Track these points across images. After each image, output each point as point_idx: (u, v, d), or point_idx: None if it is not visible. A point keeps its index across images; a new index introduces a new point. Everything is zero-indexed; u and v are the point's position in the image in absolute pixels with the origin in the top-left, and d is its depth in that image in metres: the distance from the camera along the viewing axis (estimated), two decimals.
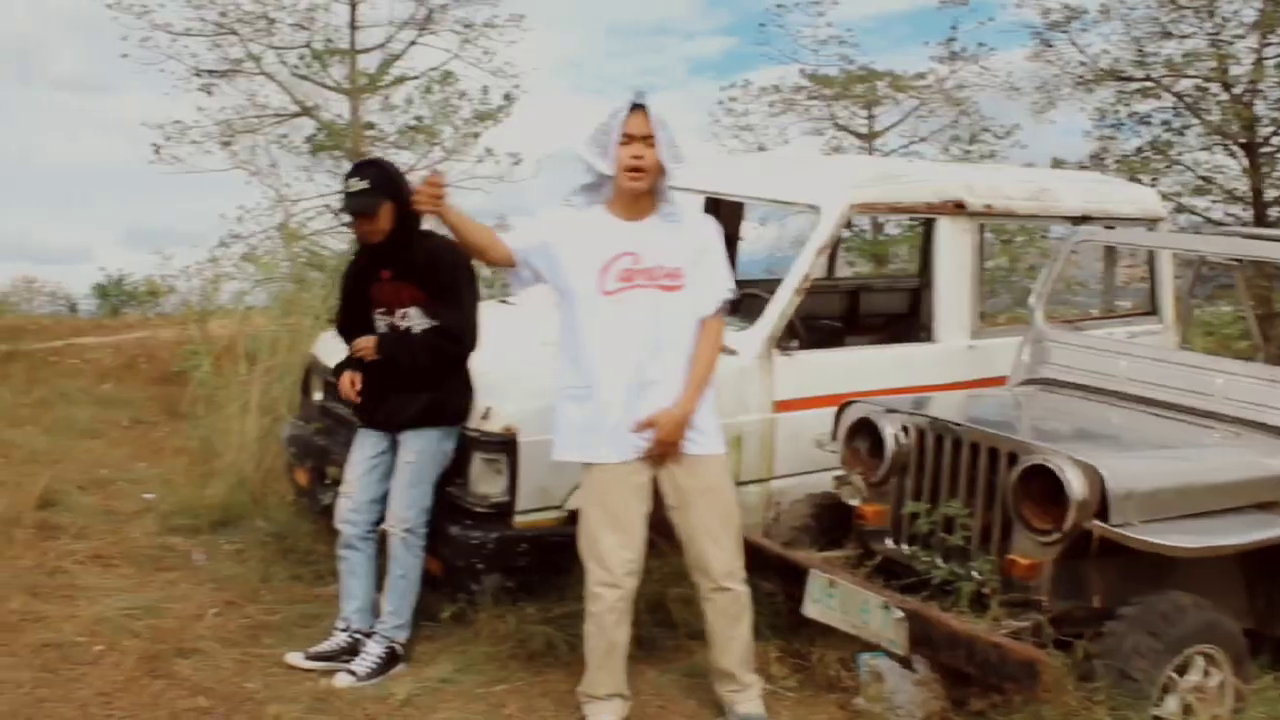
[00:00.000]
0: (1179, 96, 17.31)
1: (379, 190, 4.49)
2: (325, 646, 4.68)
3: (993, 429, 4.45)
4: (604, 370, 4.00)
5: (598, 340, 4.00)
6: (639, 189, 3.96)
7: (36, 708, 4.14)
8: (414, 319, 4.61)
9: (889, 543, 4.66)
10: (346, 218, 4.73)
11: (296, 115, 15.19)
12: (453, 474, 4.72)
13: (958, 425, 4.48)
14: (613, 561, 4.03)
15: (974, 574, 4.27)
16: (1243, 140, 17.05)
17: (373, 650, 4.58)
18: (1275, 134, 16.90)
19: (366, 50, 15.38)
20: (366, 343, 4.64)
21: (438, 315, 4.58)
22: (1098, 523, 4.01)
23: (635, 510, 4.06)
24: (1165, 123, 17.70)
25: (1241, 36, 16.57)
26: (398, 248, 4.58)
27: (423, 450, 4.62)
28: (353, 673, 4.51)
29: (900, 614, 4.14)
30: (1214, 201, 16.09)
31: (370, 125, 15.11)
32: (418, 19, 15.38)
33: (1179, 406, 4.95)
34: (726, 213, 6.83)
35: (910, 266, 15.19)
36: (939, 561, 4.44)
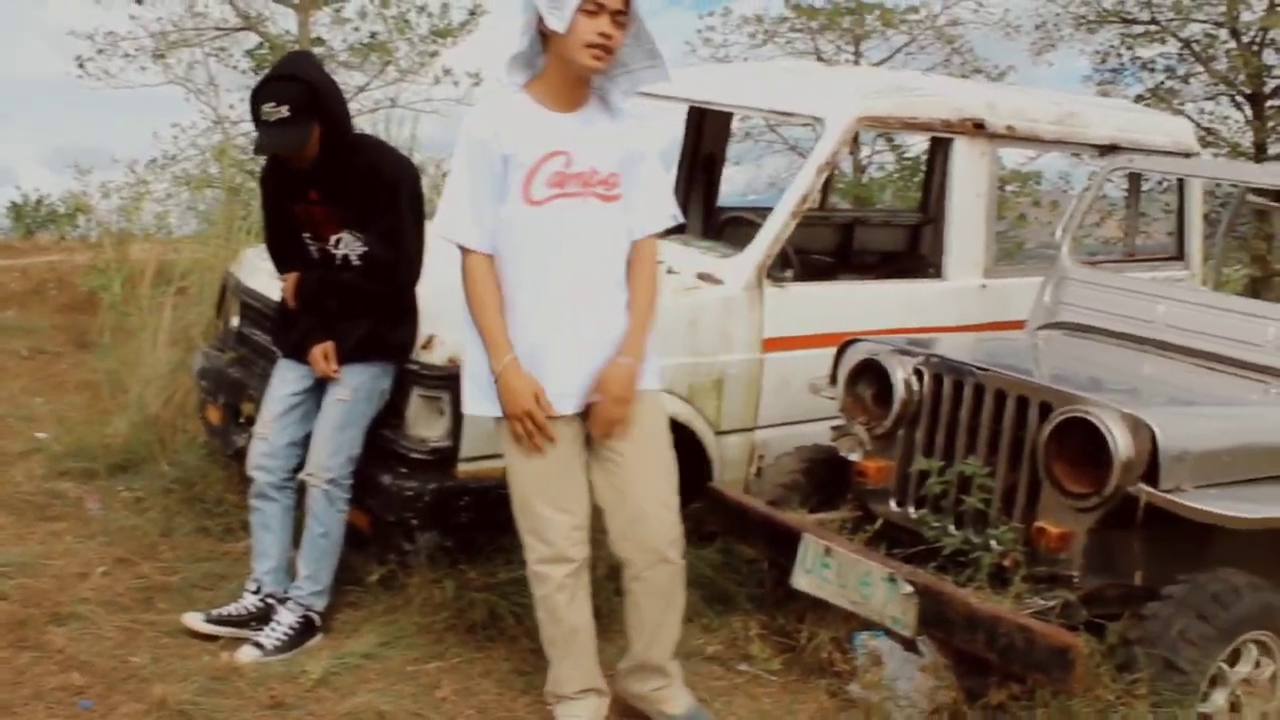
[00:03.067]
0: (1185, 42, 17.02)
1: (304, 115, 3.85)
2: (231, 610, 4.14)
3: (1022, 375, 3.96)
4: (528, 304, 3.35)
5: (520, 264, 3.35)
6: (597, 71, 3.29)
7: None
8: (349, 245, 4.03)
9: (893, 505, 4.16)
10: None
11: (240, 29, 14.55)
12: (386, 415, 4.19)
13: (981, 369, 3.97)
14: (553, 532, 3.42)
15: (993, 544, 3.80)
16: (1249, 91, 16.77)
17: (285, 619, 4.04)
18: None
19: None
20: (286, 287, 4.14)
21: (370, 244, 4.01)
22: (1146, 487, 3.55)
23: (573, 466, 3.44)
24: (1169, 69, 17.45)
25: None
26: (327, 166, 3.98)
27: (358, 388, 4.06)
28: (259, 645, 3.96)
29: (909, 588, 3.67)
30: (1216, 155, 15.80)
31: (319, 41, 14.51)
32: None
33: (1225, 358, 4.50)
34: (712, 126, 6.34)
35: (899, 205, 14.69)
36: (952, 528, 3.96)
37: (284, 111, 3.83)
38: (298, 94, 3.85)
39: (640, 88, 3.45)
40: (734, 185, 18.10)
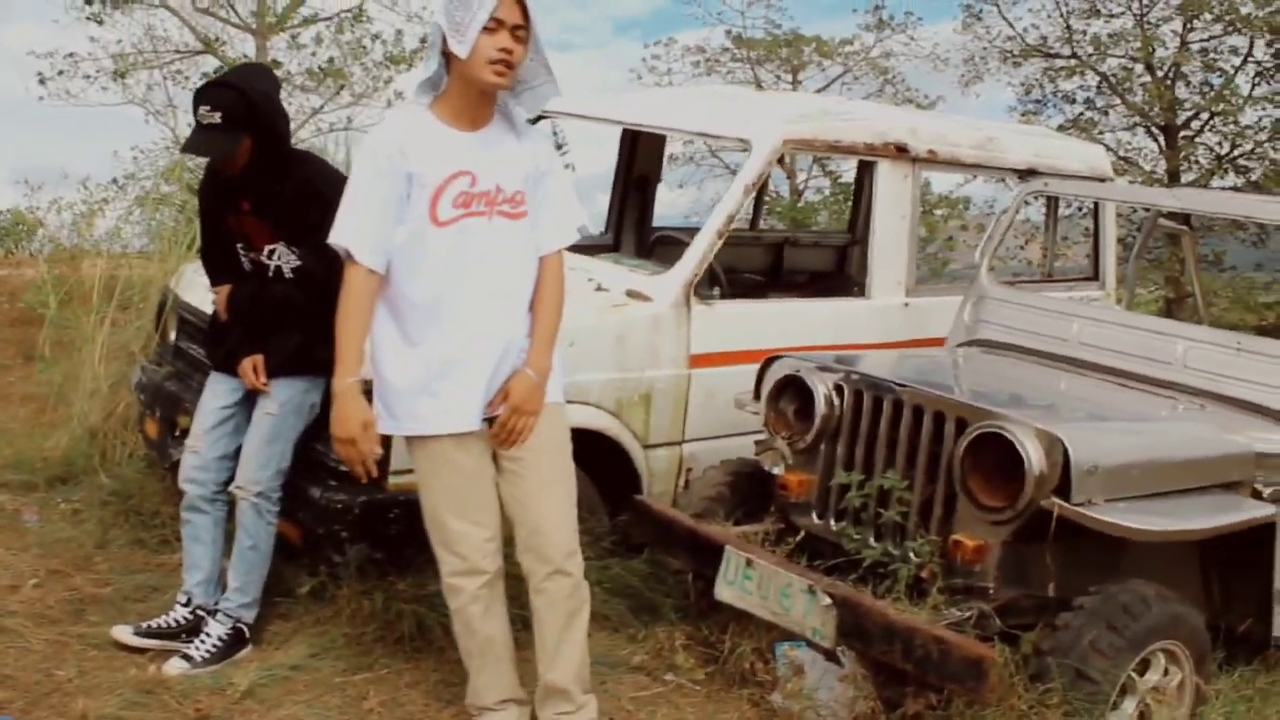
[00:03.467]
0: (1104, 76, 17.18)
1: (236, 123, 3.69)
2: (161, 622, 3.97)
3: (939, 391, 3.87)
4: (433, 322, 3.19)
5: (427, 284, 3.17)
6: (502, 87, 3.16)
7: None
8: (283, 257, 3.87)
9: (815, 517, 4.05)
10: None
11: (199, 53, 14.31)
12: (316, 428, 4.01)
13: (900, 385, 3.88)
14: (465, 546, 3.28)
15: (911, 556, 3.71)
16: (1162, 123, 16.94)
17: (214, 631, 3.87)
18: (1194, 118, 16.82)
19: None
20: (219, 299, 3.99)
21: (304, 258, 3.85)
22: (1058, 500, 3.47)
23: (483, 479, 3.29)
24: (1089, 101, 17.60)
25: (1168, 19, 16.47)
26: (260, 178, 3.82)
27: (286, 401, 3.91)
28: (188, 658, 3.80)
29: (828, 600, 3.56)
30: (1133, 182, 15.97)
31: (276, 64, 14.28)
32: None
33: (1137, 375, 4.47)
34: (645, 148, 6.24)
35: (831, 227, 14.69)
36: (871, 540, 3.85)
37: (215, 118, 3.69)
38: (231, 103, 3.71)
39: (543, 105, 3.33)
40: (678, 208, 18.11)
